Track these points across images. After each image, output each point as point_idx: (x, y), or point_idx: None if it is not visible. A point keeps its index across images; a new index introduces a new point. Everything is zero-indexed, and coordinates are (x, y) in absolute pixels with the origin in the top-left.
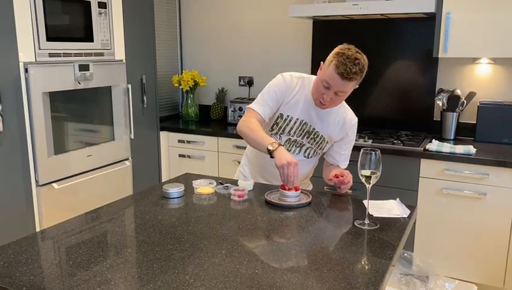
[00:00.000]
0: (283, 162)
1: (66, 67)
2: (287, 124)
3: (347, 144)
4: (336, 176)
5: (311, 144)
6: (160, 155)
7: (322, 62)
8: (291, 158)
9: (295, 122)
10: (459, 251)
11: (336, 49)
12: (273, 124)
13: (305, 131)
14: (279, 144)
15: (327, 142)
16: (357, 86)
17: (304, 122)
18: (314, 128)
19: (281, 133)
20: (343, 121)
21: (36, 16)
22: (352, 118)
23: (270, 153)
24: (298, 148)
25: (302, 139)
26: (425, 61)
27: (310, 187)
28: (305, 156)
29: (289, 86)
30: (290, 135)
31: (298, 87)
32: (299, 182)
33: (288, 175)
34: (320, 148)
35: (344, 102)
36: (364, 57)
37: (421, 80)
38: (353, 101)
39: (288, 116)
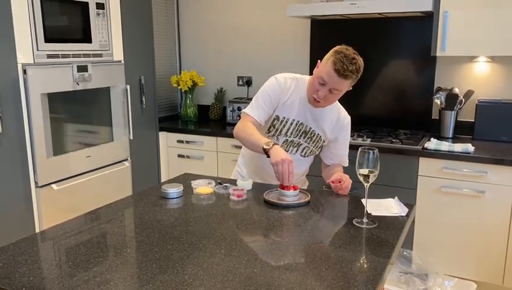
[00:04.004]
0: (277, 159)
1: (64, 68)
2: (284, 126)
3: (343, 143)
4: (333, 182)
5: (308, 143)
6: (159, 155)
7: (319, 60)
8: (285, 156)
9: (291, 123)
10: (458, 249)
11: (335, 48)
12: (270, 126)
13: (301, 131)
14: (274, 143)
15: (323, 141)
16: (351, 88)
17: (300, 122)
18: (310, 128)
19: (278, 135)
20: (336, 120)
21: (34, 17)
22: (345, 117)
23: (266, 152)
24: (295, 148)
25: (299, 139)
26: (423, 60)
27: (307, 184)
28: (302, 156)
29: (283, 88)
30: (287, 136)
31: (292, 88)
32: (295, 180)
33: (283, 172)
34: (317, 146)
35: (337, 102)
36: (361, 59)
37: (419, 79)
38: (351, 100)
39: (284, 117)
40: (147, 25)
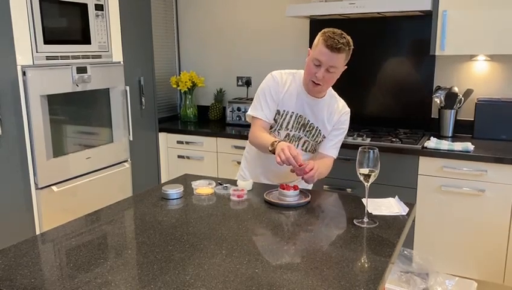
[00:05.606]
0: (278, 150)
1: (63, 70)
2: (284, 119)
3: (337, 130)
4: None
5: (308, 137)
6: (159, 156)
7: (309, 48)
8: (285, 145)
9: (291, 116)
10: (458, 248)
11: (320, 32)
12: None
13: (301, 124)
14: (278, 141)
15: (323, 136)
16: (346, 67)
17: (299, 115)
18: (309, 121)
19: (279, 129)
20: (334, 110)
21: (33, 19)
22: (343, 107)
23: (273, 153)
24: (296, 143)
25: (299, 132)
26: (423, 59)
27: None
28: (303, 150)
29: (280, 83)
30: (288, 129)
31: (289, 81)
32: (297, 181)
33: (287, 158)
34: (316, 141)
35: (336, 94)
36: (348, 36)
37: (418, 78)
38: (351, 99)
39: (284, 111)
40: (146, 25)
